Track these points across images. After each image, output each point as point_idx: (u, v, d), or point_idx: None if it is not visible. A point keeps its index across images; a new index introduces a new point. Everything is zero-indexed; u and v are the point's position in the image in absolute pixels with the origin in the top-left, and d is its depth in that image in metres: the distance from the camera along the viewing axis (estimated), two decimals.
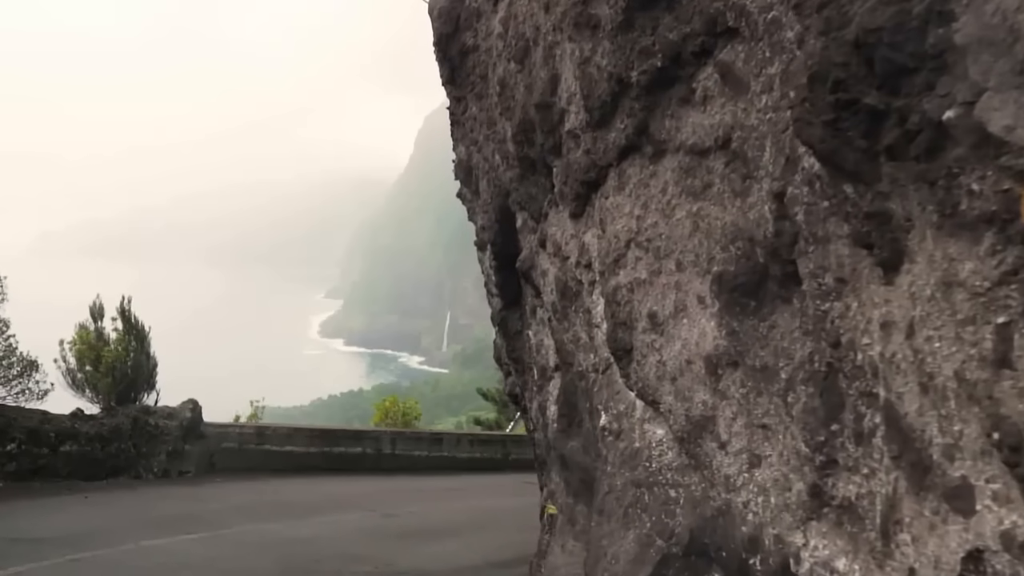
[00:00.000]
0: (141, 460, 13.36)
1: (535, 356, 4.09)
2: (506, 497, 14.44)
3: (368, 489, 14.32)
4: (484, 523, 11.92)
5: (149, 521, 10.18)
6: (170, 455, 13.74)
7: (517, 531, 10.92)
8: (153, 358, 14.42)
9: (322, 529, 10.58)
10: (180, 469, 13.91)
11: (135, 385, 13.97)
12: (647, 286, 2.36)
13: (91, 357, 13.57)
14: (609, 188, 2.56)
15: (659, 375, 2.31)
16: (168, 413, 14.12)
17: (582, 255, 2.78)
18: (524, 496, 14.40)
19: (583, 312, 2.83)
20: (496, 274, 4.73)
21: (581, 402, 2.95)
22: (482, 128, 4.20)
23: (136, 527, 9.74)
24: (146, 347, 14.24)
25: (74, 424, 12.67)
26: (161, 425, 13.75)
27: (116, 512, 10.75)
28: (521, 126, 3.09)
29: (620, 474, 2.49)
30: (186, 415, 14.22)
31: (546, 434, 3.80)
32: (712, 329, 2.11)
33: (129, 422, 13.34)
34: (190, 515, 10.65)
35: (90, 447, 12.62)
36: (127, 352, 13.87)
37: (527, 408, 5.46)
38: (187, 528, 9.78)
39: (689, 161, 2.21)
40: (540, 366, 3.89)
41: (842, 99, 1.42)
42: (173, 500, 11.93)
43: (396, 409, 20.58)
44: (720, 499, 2.10)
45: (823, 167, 1.55)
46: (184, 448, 14.02)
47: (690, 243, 2.20)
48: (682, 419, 2.20)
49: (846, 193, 1.49)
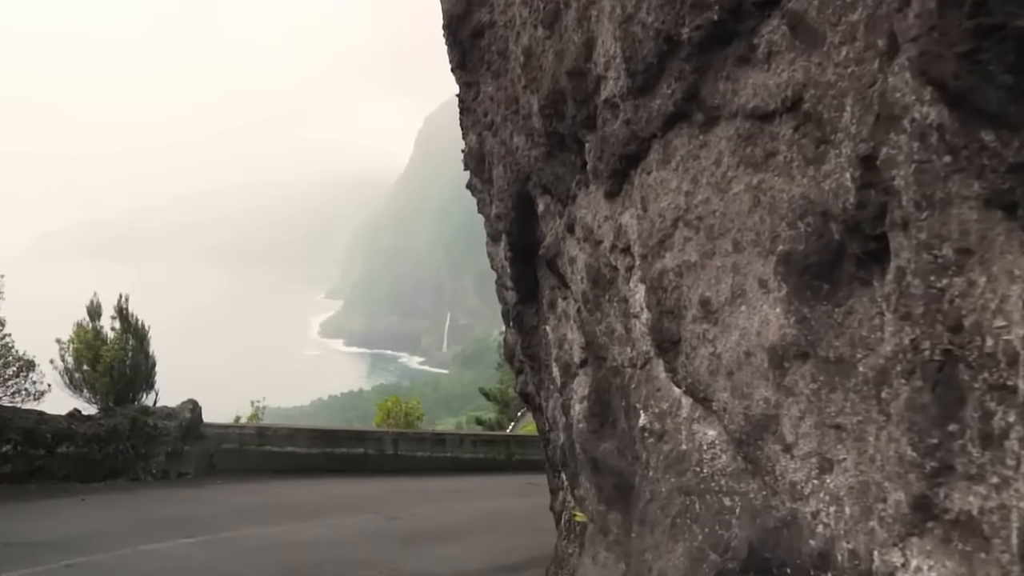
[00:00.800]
0: (140, 461, 13.10)
1: (555, 352, 3.84)
2: (511, 498, 14.28)
3: (370, 491, 14.11)
4: (489, 525, 11.71)
5: (147, 524, 9.95)
6: (169, 456, 13.48)
7: (523, 533, 10.73)
8: (152, 357, 14.16)
9: (324, 532, 10.37)
10: (179, 470, 13.65)
11: (133, 385, 13.71)
12: (698, 270, 2.11)
13: (89, 357, 13.32)
14: (652, 162, 2.31)
15: (712, 369, 2.06)
16: (167, 413, 13.86)
17: (618, 238, 2.54)
18: (529, 497, 14.24)
19: (618, 301, 2.59)
20: (511, 266, 4.48)
21: (615, 400, 2.70)
22: (500, 108, 3.95)
23: (134, 530, 9.51)
24: (145, 346, 13.98)
25: (71, 425, 12.41)
26: (160, 426, 13.49)
27: (114, 515, 10.51)
28: (550, 97, 2.84)
29: (665, 480, 2.24)
30: (185, 415, 13.97)
31: (570, 435, 3.55)
32: (777, 316, 1.86)
33: (127, 423, 13.08)
34: (189, 518, 10.42)
35: (87, 448, 12.36)
36: (125, 351, 13.61)
37: (542, 407, 5.21)
38: (186, 531, 9.55)
39: (749, 127, 1.96)
40: (563, 363, 3.64)
41: (984, 24, 1.18)
42: (172, 502, 11.69)
43: (398, 409, 20.34)
44: (784, 509, 1.85)
45: (953, 112, 1.30)
46: (183, 449, 13.76)
47: (749, 220, 1.95)
48: (739, 419, 1.95)
49: (983, 142, 1.24)
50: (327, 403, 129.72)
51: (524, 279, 4.44)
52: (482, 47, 4.67)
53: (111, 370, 13.22)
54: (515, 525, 11.42)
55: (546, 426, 5.20)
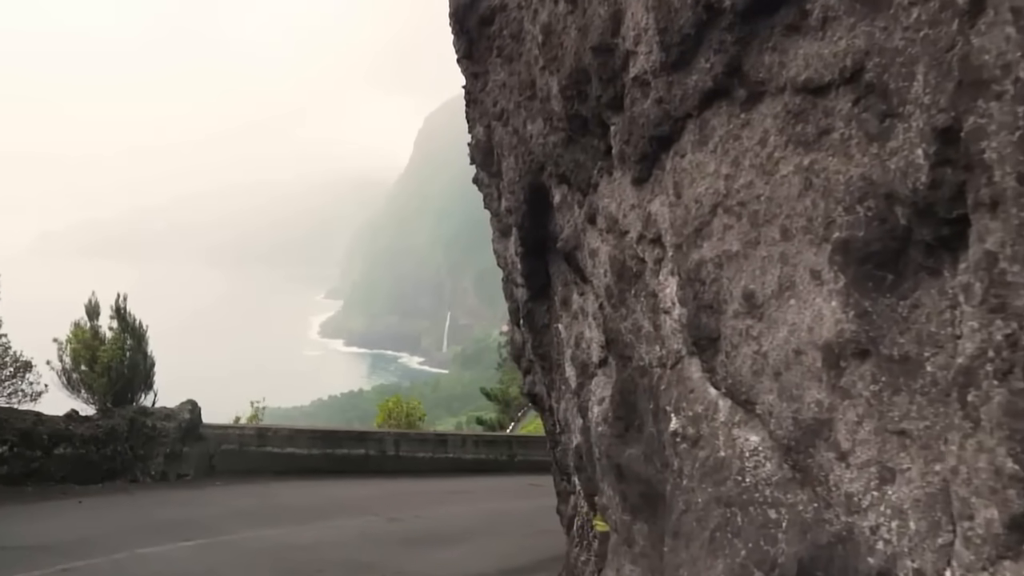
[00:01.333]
0: (138, 463, 12.91)
1: (570, 351, 3.66)
2: (514, 500, 14.17)
3: (372, 492, 13.95)
4: (493, 527, 11.56)
5: (146, 527, 9.78)
6: (168, 457, 13.29)
7: (528, 536, 10.59)
8: (150, 357, 13.97)
9: (325, 534, 10.21)
10: (178, 472, 13.46)
11: (132, 385, 13.51)
12: (740, 260, 1.92)
13: (87, 356, 13.12)
14: (686, 144, 2.13)
15: (756, 369, 1.88)
16: (166, 414, 13.67)
17: (647, 228, 2.35)
18: (532, 499, 14.14)
19: (646, 296, 2.41)
20: (522, 261, 4.29)
21: (642, 403, 2.52)
22: (512, 95, 3.77)
23: (132, 534, 9.34)
24: (143, 346, 13.79)
25: (68, 426, 12.22)
26: (159, 426, 13.30)
27: (111, 518, 10.33)
28: (572, 77, 2.65)
29: (701, 489, 2.05)
30: (185, 416, 13.77)
31: (588, 438, 3.36)
32: (833, 311, 1.68)
33: (126, 423, 12.89)
34: (188, 520, 10.25)
35: (85, 450, 12.17)
36: (123, 351, 13.41)
37: (552, 409, 5.03)
38: (185, 534, 9.38)
39: (799, 103, 1.78)
40: (580, 362, 3.46)
41: None
42: (171, 505, 11.51)
43: (399, 410, 20.16)
44: (839, 522, 1.66)
45: None
46: (183, 450, 13.57)
47: (799, 205, 1.77)
48: (788, 423, 1.76)
49: None
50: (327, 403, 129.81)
51: (535, 275, 4.25)
52: (491, 34, 4.49)
53: (109, 370, 13.02)
54: (519, 527, 11.30)
55: (556, 428, 5.02)
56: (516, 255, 4.41)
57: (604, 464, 2.84)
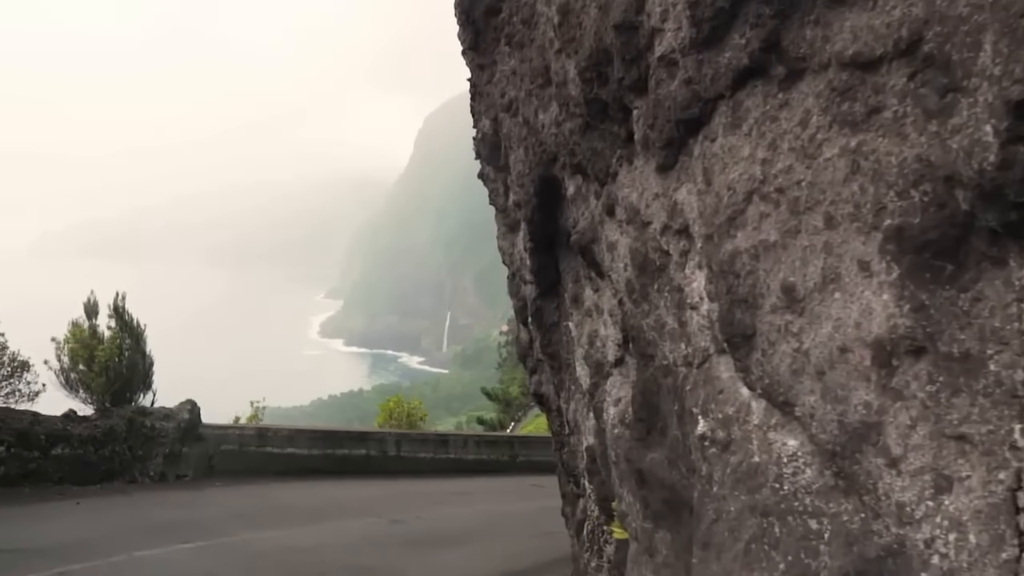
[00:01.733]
0: (137, 463, 12.77)
1: (583, 350, 3.51)
2: (516, 501, 14.08)
3: (373, 493, 13.83)
4: (496, 529, 11.44)
5: (144, 529, 9.65)
6: (167, 458, 13.14)
7: (531, 537, 10.47)
8: (149, 357, 13.81)
9: (326, 537, 10.09)
10: (177, 472, 13.32)
11: (130, 385, 13.35)
12: (779, 250, 1.78)
13: (84, 356, 12.97)
14: (717, 127, 1.99)
15: (796, 368, 1.74)
16: (165, 414, 13.52)
17: (672, 218, 2.21)
18: (534, 499, 14.04)
19: (670, 291, 2.27)
20: (532, 257, 4.15)
21: (665, 404, 2.38)
22: (523, 83, 3.63)
23: (130, 536, 9.21)
24: (141, 345, 13.63)
25: (66, 426, 12.07)
26: (158, 427, 13.16)
27: (109, 519, 10.19)
28: (592, 59, 2.51)
29: (733, 497, 1.91)
30: (184, 416, 13.63)
31: (602, 440, 3.22)
32: (884, 304, 1.54)
33: (124, 423, 12.75)
34: (187, 522, 10.12)
35: (83, 450, 12.03)
36: (122, 351, 13.25)
37: (561, 410, 4.89)
38: (184, 536, 9.25)
39: (845, 80, 1.64)
40: (594, 361, 3.31)
41: None
42: (170, 506, 11.37)
43: (400, 410, 20.02)
44: (888, 534, 1.53)
45: None
46: (182, 451, 13.43)
47: (846, 190, 1.63)
48: (832, 427, 1.63)
49: None
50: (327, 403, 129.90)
51: (545, 271, 4.11)
52: (498, 23, 4.36)
53: (107, 370, 12.86)
54: (522, 528, 11.19)
55: (565, 429, 4.88)
56: (525, 251, 4.26)
57: (623, 469, 2.70)
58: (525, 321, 5.73)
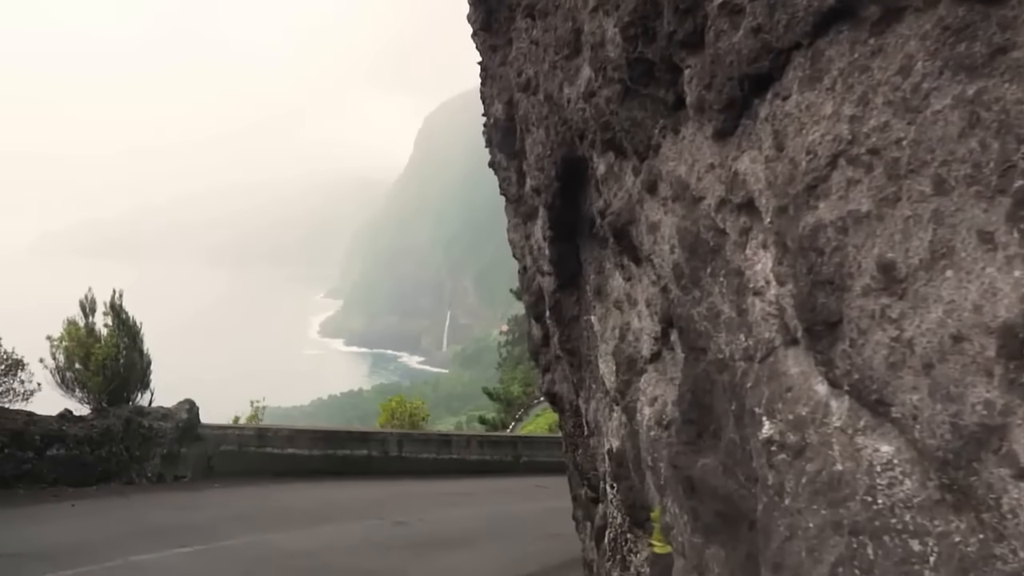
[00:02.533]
0: (134, 464, 12.50)
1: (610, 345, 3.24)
2: (521, 502, 13.90)
3: (375, 494, 13.60)
4: (500, 531, 11.21)
5: (141, 532, 9.40)
6: (165, 459, 12.88)
7: (536, 540, 10.24)
8: (147, 356, 13.54)
9: (328, 540, 9.85)
10: (176, 474, 13.06)
11: (128, 384, 13.09)
12: (873, 222, 1.51)
13: (81, 355, 12.70)
14: (791, 83, 1.72)
15: (894, 361, 1.47)
16: (163, 414, 13.26)
17: (732, 191, 1.94)
18: (539, 501, 13.83)
19: (727, 275, 2.00)
20: (551, 247, 3.87)
21: (719, 403, 2.12)
22: (546, 55, 3.35)
23: (126, 539, 8.97)
24: (139, 344, 13.36)
25: (62, 426, 11.81)
26: (155, 427, 12.89)
27: (105, 522, 9.94)
28: (637, 12, 2.24)
29: (812, 512, 1.64)
30: (182, 416, 13.37)
31: (635, 443, 2.95)
32: (1016, 283, 1.26)
33: (121, 423, 12.48)
34: (185, 525, 9.86)
35: (79, 451, 11.76)
36: (119, 349, 12.98)
37: (579, 409, 4.61)
38: (181, 540, 9.00)
39: (962, 16, 1.36)
40: (625, 357, 3.04)
41: None
42: (167, 508, 11.12)
43: (403, 409, 19.75)
44: (1016, 560, 1.25)
45: None
46: (180, 451, 13.17)
47: (961, 148, 1.36)
48: (942, 430, 1.36)
49: None
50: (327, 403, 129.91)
51: (565, 261, 3.83)
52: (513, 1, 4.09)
53: (104, 369, 12.59)
54: (527, 531, 10.98)
55: (583, 430, 4.60)
56: (544, 239, 3.98)
57: (668, 476, 2.43)
58: (540, 316, 5.45)
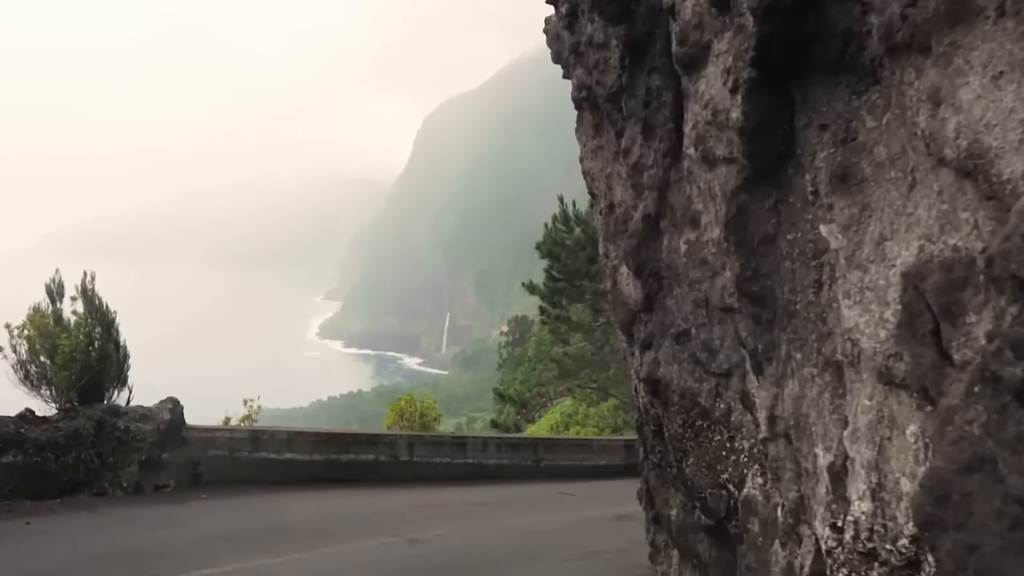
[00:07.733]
0: (107, 472, 10.79)
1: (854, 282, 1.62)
2: (547, 512, 12.34)
3: (385, 505, 11.93)
4: (532, 549, 9.53)
5: (106, 558, 7.73)
6: (143, 465, 11.17)
7: (575, 559, 8.61)
8: (124, 348, 11.82)
9: (333, 564, 8.20)
10: (156, 483, 11.35)
11: (101, 380, 11.37)
12: None
13: (46, 346, 11.00)
14: None
15: None
16: (142, 414, 11.54)
17: None
18: (567, 511, 12.21)
19: None
20: (747, 101, 2.09)
21: None
22: None
23: (87, 568, 7.31)
24: (114, 334, 11.63)
25: (20, 428, 10.11)
26: (133, 429, 11.19)
27: (65, 545, 8.25)
28: None
29: None
30: (164, 416, 11.66)
31: None
32: None
33: (92, 425, 10.78)
34: (162, 548, 8.17)
35: (40, 457, 10.06)
36: (91, 340, 11.27)
37: (746, 394, 2.94)
38: (155, 567, 7.33)
39: None
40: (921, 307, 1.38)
41: None
42: (143, 525, 9.42)
43: (412, 410, 18.04)
44: None
45: None
46: (162, 457, 11.46)
47: None
48: None
49: None
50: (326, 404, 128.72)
51: (764, 133, 2.13)
52: None
53: (72, 362, 10.87)
54: (562, 548, 9.35)
55: (757, 427, 2.92)
56: (734, 89, 2.21)
57: None
58: (640, 266, 3.75)
